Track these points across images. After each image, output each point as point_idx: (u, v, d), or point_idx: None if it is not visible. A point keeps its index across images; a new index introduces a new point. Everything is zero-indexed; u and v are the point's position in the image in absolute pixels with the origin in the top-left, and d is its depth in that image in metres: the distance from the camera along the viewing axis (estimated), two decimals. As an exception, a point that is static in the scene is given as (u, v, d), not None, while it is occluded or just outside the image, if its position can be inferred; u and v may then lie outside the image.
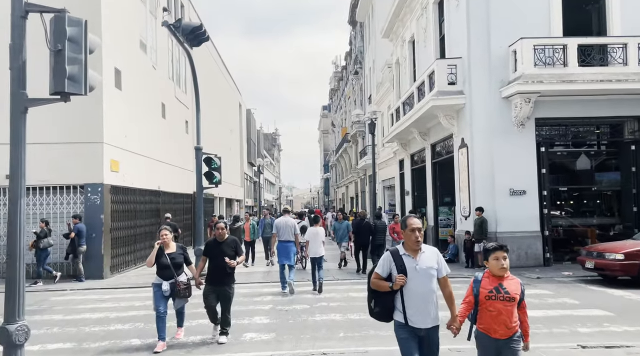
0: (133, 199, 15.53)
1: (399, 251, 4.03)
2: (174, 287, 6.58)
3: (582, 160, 15.25)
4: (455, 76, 14.72)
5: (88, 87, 4.74)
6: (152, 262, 6.64)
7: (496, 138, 13.89)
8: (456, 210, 15.98)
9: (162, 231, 6.83)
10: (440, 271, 4.05)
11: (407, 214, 4.06)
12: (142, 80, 16.76)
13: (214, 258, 6.75)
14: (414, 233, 3.98)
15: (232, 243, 6.90)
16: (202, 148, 12.70)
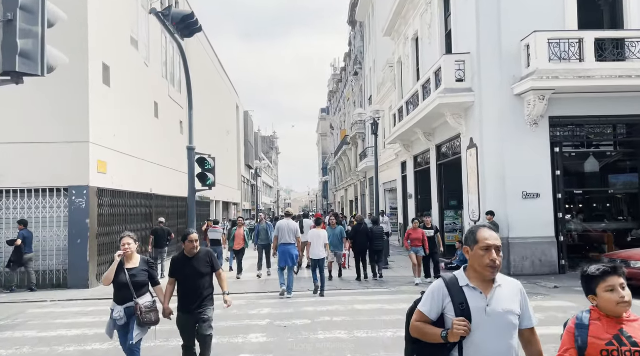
0: (122, 202, 14.67)
1: (458, 280, 2.57)
2: (131, 313, 5.09)
3: (598, 162, 14.45)
4: (463, 73, 13.93)
5: (46, 67, 3.91)
6: (110, 279, 5.18)
7: (508, 138, 13.09)
8: (464, 214, 15.15)
9: (123, 239, 5.34)
10: (525, 319, 2.59)
11: (478, 225, 2.79)
12: (133, 77, 15.93)
13: (186, 280, 5.16)
14: (490, 253, 2.49)
15: (205, 257, 5.27)
16: (194, 148, 11.84)
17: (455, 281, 2.56)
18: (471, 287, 2.52)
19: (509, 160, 13.03)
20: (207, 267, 5.25)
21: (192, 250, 5.19)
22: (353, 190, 44.88)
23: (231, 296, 10.66)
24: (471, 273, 2.57)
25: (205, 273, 5.23)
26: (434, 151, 17.84)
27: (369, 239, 13.06)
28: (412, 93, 17.83)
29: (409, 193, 22.08)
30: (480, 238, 2.53)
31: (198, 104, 25.62)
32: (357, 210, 40.46)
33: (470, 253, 2.56)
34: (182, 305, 5.16)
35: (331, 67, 69.26)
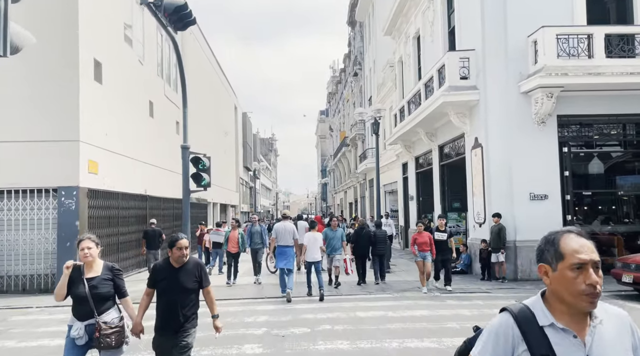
0: (115, 204, 14.16)
1: (536, 316, 1.65)
2: (92, 332, 4.15)
3: (606, 162, 13.99)
4: (467, 70, 13.47)
5: (9, 47, 3.41)
6: (62, 294, 4.26)
7: (514, 137, 12.64)
8: (468, 216, 14.68)
9: (82, 242, 4.29)
10: None
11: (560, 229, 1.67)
12: (126, 74, 15.44)
13: (167, 294, 4.22)
14: (587, 274, 1.59)
15: (194, 269, 4.30)
16: (189, 147, 11.36)
17: (530, 317, 1.64)
18: (558, 328, 1.61)
19: (516, 160, 12.57)
20: (195, 281, 4.28)
21: (180, 259, 4.24)
22: (352, 192, 44.40)
23: (226, 301, 10.27)
24: (555, 305, 1.64)
25: (191, 288, 4.25)
26: (437, 151, 17.38)
27: (371, 243, 12.77)
28: (414, 93, 17.37)
29: (410, 195, 21.62)
30: (569, 252, 1.61)
31: (195, 104, 25.20)
32: (357, 212, 39.98)
33: (551, 274, 1.64)
34: (160, 325, 4.24)
35: (330, 69, 68.95)
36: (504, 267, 12.18)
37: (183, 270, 4.25)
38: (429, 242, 10.97)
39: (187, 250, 4.26)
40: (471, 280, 12.55)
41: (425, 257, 10.95)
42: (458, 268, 13.90)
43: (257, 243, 12.89)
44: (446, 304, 9.48)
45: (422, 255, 10.97)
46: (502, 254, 12.10)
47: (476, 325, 1.97)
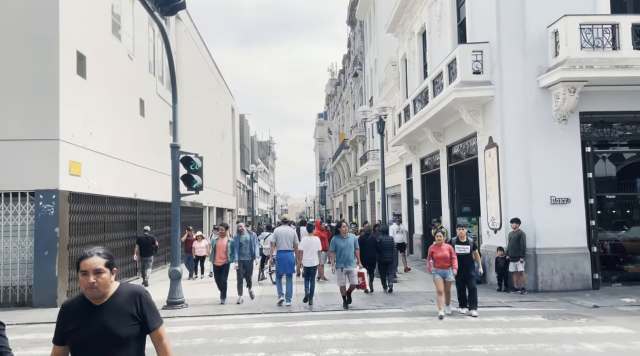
0: (101, 209, 13.12)
1: None
2: None
3: (634, 162, 13.00)
4: (481, 64, 12.50)
5: None
6: None
7: (533, 136, 11.67)
8: (481, 221, 13.68)
9: None
10: None
11: None
12: (114, 70, 14.43)
13: (83, 348, 2.53)
14: None
15: (128, 304, 2.62)
16: (179, 146, 10.38)
17: None
18: None
19: (535, 160, 11.60)
20: (132, 324, 2.60)
21: (92, 292, 2.54)
22: (352, 195, 43.41)
23: (219, 318, 9.26)
24: None
25: (126, 336, 2.56)
26: (445, 152, 16.40)
27: (377, 250, 12.15)
28: (420, 90, 16.40)
29: (415, 198, 20.63)
30: None
31: (190, 104, 24.22)
32: (357, 216, 38.96)
33: None
34: None
35: (328, 72, 68.10)
36: (524, 277, 11.18)
37: (108, 308, 2.57)
38: (448, 257, 8.84)
39: (104, 276, 2.54)
40: (487, 291, 11.53)
41: (445, 274, 8.88)
42: (471, 278, 12.87)
43: (246, 254, 10.70)
44: (466, 321, 8.47)
45: (440, 272, 8.86)
46: (521, 263, 11.11)
47: None
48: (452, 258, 8.85)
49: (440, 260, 8.87)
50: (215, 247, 10.81)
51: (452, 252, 8.91)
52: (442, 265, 8.86)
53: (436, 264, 8.88)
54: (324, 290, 12.18)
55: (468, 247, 9.15)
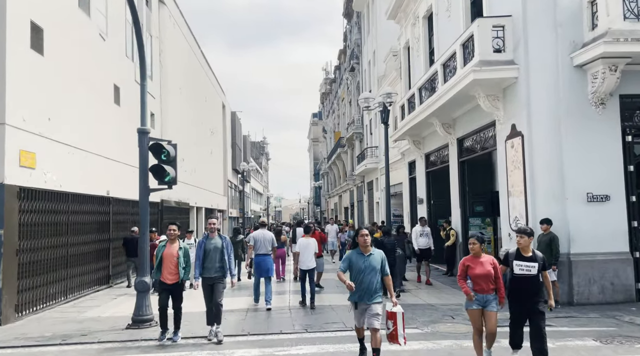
0: (63, 208, 11.32)
1: None
2: None
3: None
4: (502, 41, 10.85)
5: None
6: None
7: (565, 123, 10.03)
8: (501, 222, 12.03)
9: None
10: None
11: None
12: (81, 49, 12.64)
13: None
14: None
15: None
16: (148, 131, 8.64)
17: None
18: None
19: (568, 151, 9.96)
20: None
21: None
22: (348, 196, 41.72)
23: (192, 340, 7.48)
24: None
25: None
26: (455, 146, 14.74)
27: None
28: (428, 77, 14.75)
29: (418, 197, 18.96)
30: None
31: (175, 95, 22.37)
32: (353, 217, 37.27)
33: None
34: None
35: (323, 71, 66.36)
36: (557, 288, 9.51)
37: None
38: (492, 276, 5.82)
39: None
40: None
41: (487, 302, 5.75)
42: (490, 287, 11.21)
43: (213, 269, 7.48)
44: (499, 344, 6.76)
45: (479, 299, 5.77)
46: (553, 271, 9.44)
47: None
48: (497, 278, 5.86)
49: (480, 279, 5.76)
50: (162, 258, 7.39)
51: (497, 268, 5.92)
52: (481, 287, 5.76)
53: (476, 286, 5.81)
54: (321, 302, 10.46)
55: (535, 266, 5.78)
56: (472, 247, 6.02)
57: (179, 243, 7.56)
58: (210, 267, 7.48)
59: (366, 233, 5.97)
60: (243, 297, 11.42)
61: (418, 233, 13.73)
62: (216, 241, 7.59)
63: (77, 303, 11.34)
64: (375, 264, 5.95)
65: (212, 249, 7.50)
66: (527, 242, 5.89)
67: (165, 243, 7.56)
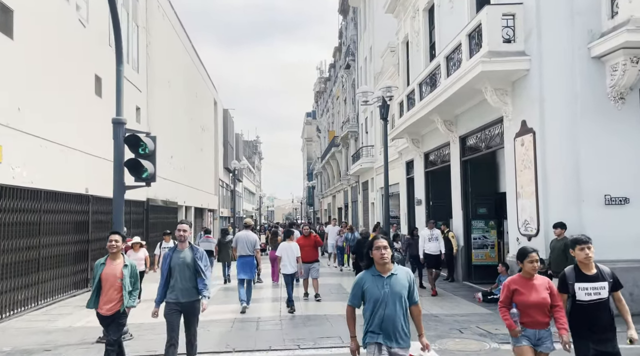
0: (35, 206, 10.40)
1: None
2: None
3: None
4: (513, 30, 10.07)
5: None
6: None
7: (581, 119, 9.27)
8: (509, 226, 11.25)
9: None
10: None
11: None
12: (58, 35, 11.72)
13: None
14: None
15: None
16: (124, 122, 7.73)
17: None
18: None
19: (585, 150, 9.19)
20: None
21: None
22: (342, 196, 40.91)
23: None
24: None
25: None
26: (457, 144, 13.96)
27: None
28: (429, 71, 13.96)
29: (417, 198, 18.17)
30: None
31: (164, 89, 21.34)
32: (347, 218, 36.44)
33: None
34: None
35: (317, 70, 65.52)
36: (573, 298, 8.71)
37: None
38: (548, 305, 4.33)
39: None
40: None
41: (540, 339, 4.34)
42: (497, 295, 10.43)
43: (183, 291, 5.66)
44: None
45: (530, 335, 4.34)
46: (569, 280, 8.64)
47: None
48: (556, 307, 4.33)
49: (533, 310, 4.29)
50: (100, 280, 5.55)
51: (556, 294, 4.38)
52: (534, 320, 4.29)
53: (525, 318, 4.29)
54: (315, 311, 9.62)
55: (604, 286, 4.47)
56: (533, 265, 4.32)
57: (123, 259, 5.68)
58: (179, 288, 5.61)
59: (384, 245, 4.00)
60: (230, 305, 10.55)
61: (426, 238, 12.18)
62: (186, 254, 5.71)
63: (49, 310, 10.41)
64: (400, 289, 3.99)
65: (181, 264, 5.64)
66: (587, 256, 4.44)
67: (105, 259, 5.66)
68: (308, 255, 11.01)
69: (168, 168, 21.77)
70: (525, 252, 4.45)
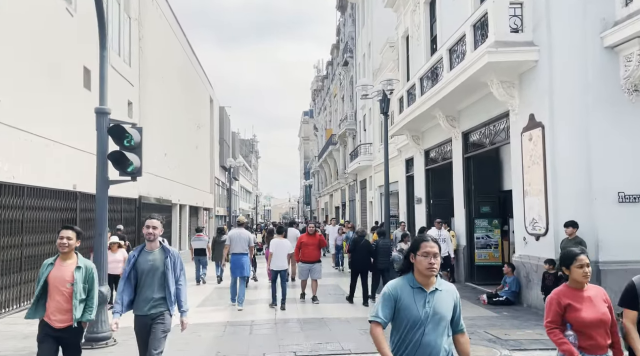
0: (15, 202, 9.86)
1: None
2: None
3: None
4: (521, 20, 9.62)
5: None
6: None
7: (593, 112, 8.81)
8: (515, 225, 10.79)
9: None
10: None
11: None
12: (42, 22, 11.17)
13: None
14: None
15: None
16: (108, 111, 7.23)
17: None
18: None
19: (597, 145, 8.74)
20: None
21: None
22: (340, 195, 40.44)
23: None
24: None
25: None
26: (460, 140, 13.49)
27: (371, 254, 10.62)
28: (431, 65, 13.50)
29: (416, 197, 17.69)
30: None
31: (157, 84, 20.74)
32: (345, 217, 35.95)
33: None
34: None
35: (314, 69, 65.07)
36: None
37: None
38: (609, 322, 3.42)
39: None
40: (529, 318, 8.60)
41: None
42: (502, 297, 9.98)
43: (150, 301, 4.63)
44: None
45: None
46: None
47: None
48: (613, 325, 3.47)
49: (593, 329, 3.37)
50: (46, 283, 4.47)
51: (611, 308, 3.49)
52: (595, 343, 3.36)
53: (584, 341, 3.36)
54: (313, 315, 9.13)
55: None
56: (584, 271, 3.42)
57: (76, 259, 4.55)
58: (145, 298, 4.58)
59: (434, 252, 2.93)
60: (223, 306, 10.07)
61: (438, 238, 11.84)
62: (155, 256, 4.61)
63: None
64: (444, 311, 2.95)
65: (149, 269, 4.57)
66: None
67: (54, 260, 4.56)
68: (311, 255, 10.54)
69: (162, 165, 21.21)
70: (572, 254, 3.47)
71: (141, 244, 4.77)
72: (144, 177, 8.26)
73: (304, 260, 10.50)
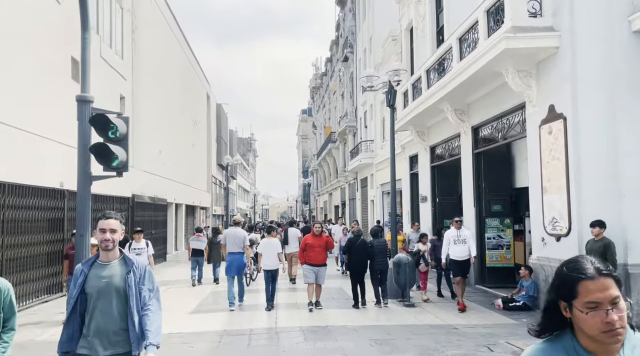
0: (-4, 201, 9.13)
1: None
2: None
3: None
4: (539, 4, 8.93)
5: None
6: None
7: (621, 101, 8.15)
8: (531, 224, 10.11)
9: None
10: None
11: None
12: (25, 10, 10.43)
13: None
14: None
15: None
16: (91, 100, 6.49)
17: None
18: None
19: (625, 137, 8.07)
20: None
21: None
22: (339, 193, 39.74)
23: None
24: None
25: None
26: (469, 135, 12.80)
27: (367, 255, 10.12)
28: (439, 55, 12.79)
29: (421, 195, 17.02)
30: None
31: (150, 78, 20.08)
32: (345, 216, 35.25)
33: None
34: None
35: (313, 67, 64.33)
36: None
37: None
38: None
39: None
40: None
41: None
42: (519, 302, 9.30)
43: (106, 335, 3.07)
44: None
45: None
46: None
47: None
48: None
49: None
50: None
51: None
52: None
53: None
54: (315, 322, 8.42)
55: None
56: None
57: None
58: (97, 332, 3.07)
59: (615, 295, 1.46)
60: (219, 312, 9.35)
61: (452, 240, 9.91)
62: (113, 271, 3.15)
63: (30, 312, 9.19)
64: None
65: (104, 289, 3.10)
66: None
67: None
68: (317, 257, 9.62)
69: (156, 163, 20.50)
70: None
71: (94, 254, 3.25)
72: (137, 174, 7.61)
73: (311, 263, 9.65)
